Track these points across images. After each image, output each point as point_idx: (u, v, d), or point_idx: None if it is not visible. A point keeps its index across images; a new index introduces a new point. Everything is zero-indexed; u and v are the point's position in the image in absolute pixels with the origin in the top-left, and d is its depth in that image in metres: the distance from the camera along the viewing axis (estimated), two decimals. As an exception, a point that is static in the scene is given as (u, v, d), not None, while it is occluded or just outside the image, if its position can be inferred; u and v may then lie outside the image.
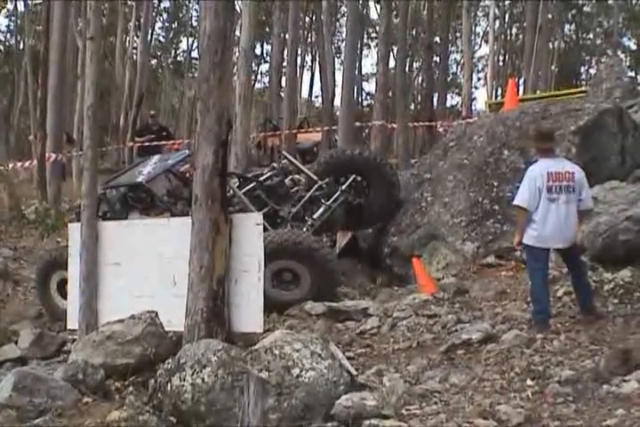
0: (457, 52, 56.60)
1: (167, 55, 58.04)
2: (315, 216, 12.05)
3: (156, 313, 8.59)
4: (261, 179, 12.76)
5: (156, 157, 13.23)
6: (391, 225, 13.24)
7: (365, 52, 53.77)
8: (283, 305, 10.45)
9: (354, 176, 13.11)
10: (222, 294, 8.42)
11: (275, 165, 13.51)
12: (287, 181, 12.92)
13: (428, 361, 7.91)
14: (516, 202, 8.52)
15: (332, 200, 12.36)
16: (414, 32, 49.70)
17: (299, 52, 40.62)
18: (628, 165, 12.56)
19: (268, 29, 46.60)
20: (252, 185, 12.43)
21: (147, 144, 21.44)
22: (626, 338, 7.79)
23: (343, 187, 12.78)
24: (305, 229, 11.68)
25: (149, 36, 39.28)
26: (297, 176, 12.97)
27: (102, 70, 19.55)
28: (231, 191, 11.69)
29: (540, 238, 8.33)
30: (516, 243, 8.72)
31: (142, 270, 9.47)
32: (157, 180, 12.29)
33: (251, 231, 8.79)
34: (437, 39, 43.29)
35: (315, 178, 12.77)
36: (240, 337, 8.63)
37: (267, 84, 48.93)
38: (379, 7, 42.37)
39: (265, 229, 11.88)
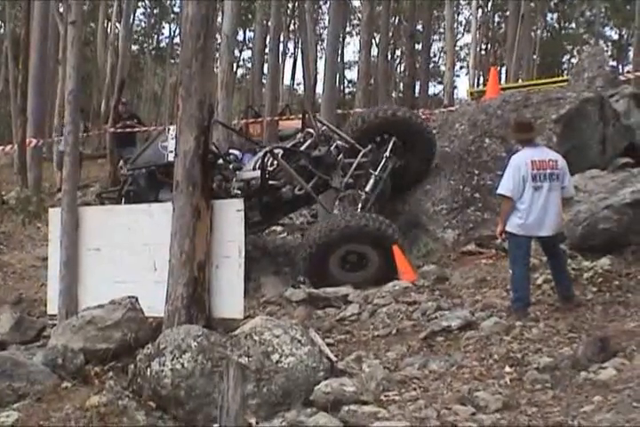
0: (439, 40, 56.61)
1: (149, 41, 57.73)
2: (367, 190, 11.70)
3: (137, 299, 8.58)
4: (303, 148, 12.24)
5: (173, 130, 12.74)
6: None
7: (348, 39, 53.73)
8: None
9: (393, 139, 12.55)
10: (203, 280, 8.45)
11: (310, 130, 12.77)
12: (332, 149, 12.31)
13: (408, 348, 7.95)
14: (500, 191, 8.52)
15: (379, 170, 11.98)
16: (397, 20, 49.66)
17: (281, 39, 40.50)
18: (608, 153, 12.63)
19: (250, 16, 46.44)
20: (297, 156, 11.97)
21: (120, 131, 21.44)
22: (604, 326, 7.85)
23: (387, 153, 12.32)
24: (361, 207, 11.45)
25: (131, 22, 39.02)
26: (340, 142, 12.51)
27: (84, 56, 19.39)
28: (276, 163, 11.57)
29: (524, 227, 8.35)
30: (499, 232, 8.69)
31: (123, 256, 9.46)
32: None
33: (232, 217, 8.79)
34: (420, 27, 43.31)
35: (353, 142, 12.32)
36: (220, 323, 8.65)
37: (249, 71, 48.81)
38: (362, -6, 42.33)
39: (311, 200, 11.93)
